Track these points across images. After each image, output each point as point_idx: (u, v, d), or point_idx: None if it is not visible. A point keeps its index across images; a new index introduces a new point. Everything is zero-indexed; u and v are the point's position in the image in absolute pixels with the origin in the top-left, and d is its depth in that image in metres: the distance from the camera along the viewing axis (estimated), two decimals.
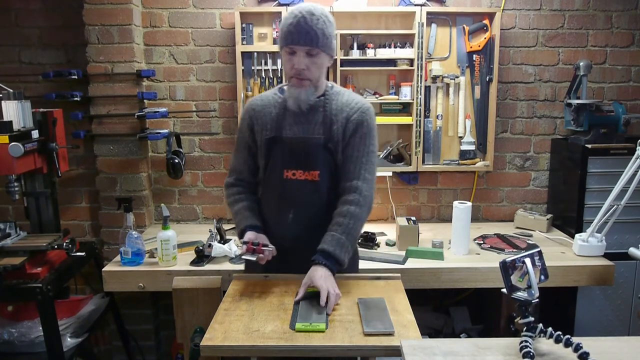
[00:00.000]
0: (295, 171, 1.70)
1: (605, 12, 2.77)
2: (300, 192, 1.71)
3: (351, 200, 1.67)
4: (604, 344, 1.23)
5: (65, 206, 2.81)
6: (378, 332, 1.39)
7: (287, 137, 1.71)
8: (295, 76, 1.64)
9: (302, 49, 1.61)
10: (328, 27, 1.63)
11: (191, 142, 2.84)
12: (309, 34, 1.59)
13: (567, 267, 2.25)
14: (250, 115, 1.78)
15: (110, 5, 2.53)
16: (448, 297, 2.94)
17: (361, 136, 1.71)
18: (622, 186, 2.18)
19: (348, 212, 1.66)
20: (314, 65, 1.64)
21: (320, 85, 1.72)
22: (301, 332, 1.39)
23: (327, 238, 1.64)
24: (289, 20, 1.61)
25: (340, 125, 1.70)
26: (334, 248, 1.62)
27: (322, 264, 1.60)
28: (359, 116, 1.71)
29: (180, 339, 2.00)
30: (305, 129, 1.71)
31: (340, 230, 1.64)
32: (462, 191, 2.94)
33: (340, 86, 1.83)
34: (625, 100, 2.84)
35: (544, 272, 1.29)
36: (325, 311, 1.49)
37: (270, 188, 1.76)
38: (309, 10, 1.60)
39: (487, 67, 2.74)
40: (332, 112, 1.71)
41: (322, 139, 1.69)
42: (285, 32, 1.61)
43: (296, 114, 1.71)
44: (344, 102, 1.73)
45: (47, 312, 2.03)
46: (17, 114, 2.14)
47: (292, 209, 1.73)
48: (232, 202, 1.82)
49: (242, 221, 1.75)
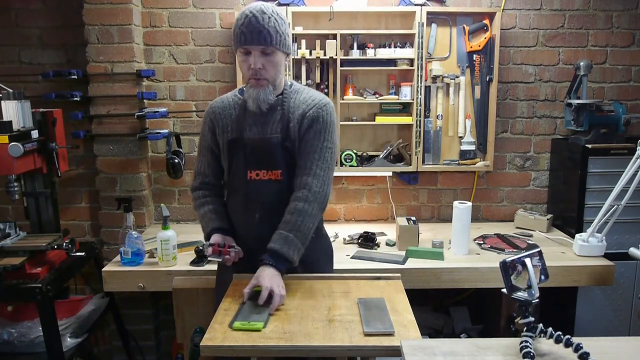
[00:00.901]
0: (258, 171, 1.70)
1: (605, 12, 2.77)
2: (265, 192, 1.70)
3: (299, 197, 1.65)
4: (604, 344, 1.23)
5: (65, 206, 2.81)
6: (378, 332, 1.39)
7: (248, 138, 1.70)
8: (253, 77, 1.63)
9: (257, 48, 1.59)
10: (281, 25, 1.61)
11: (191, 142, 2.84)
12: (262, 33, 1.57)
13: (567, 267, 2.25)
14: (211, 118, 1.77)
15: (110, 5, 2.53)
16: (448, 297, 2.93)
17: (316, 132, 1.68)
18: (623, 186, 2.18)
19: (296, 209, 1.64)
20: (269, 64, 1.62)
21: (278, 84, 1.70)
22: (239, 330, 1.39)
23: (275, 237, 1.62)
24: (240, 20, 1.59)
25: (297, 122, 1.69)
26: (281, 246, 1.60)
27: (269, 263, 1.59)
28: (315, 112, 1.69)
29: (180, 339, 2.00)
30: (264, 129, 1.70)
31: (288, 228, 1.62)
32: (462, 191, 2.93)
33: (299, 84, 1.81)
34: (625, 100, 2.84)
35: (544, 272, 1.29)
36: (267, 311, 1.49)
37: (235, 189, 1.76)
38: (260, 9, 1.58)
39: (487, 67, 2.73)
40: (289, 110, 1.70)
41: (280, 137, 1.68)
42: (238, 33, 1.59)
43: (256, 115, 1.70)
44: (302, 99, 1.72)
45: (47, 312, 2.03)
46: (17, 114, 2.14)
47: (258, 210, 1.72)
48: (198, 206, 1.82)
49: (209, 224, 1.75)
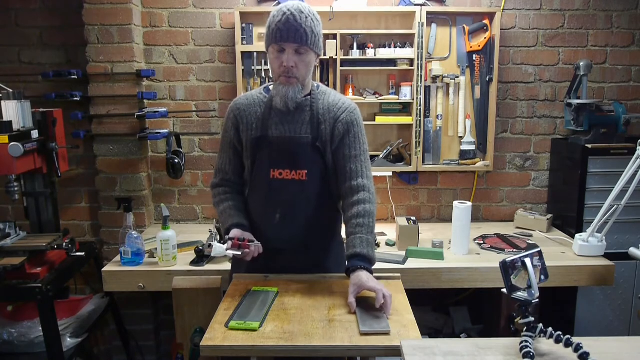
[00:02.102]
0: (282, 171, 1.69)
1: (605, 12, 2.77)
2: (287, 191, 1.70)
3: (363, 199, 1.68)
4: (604, 344, 1.23)
5: (65, 206, 2.81)
6: (374, 331, 1.39)
7: (274, 137, 1.69)
8: (284, 74, 1.63)
9: (292, 46, 1.59)
10: (316, 26, 1.62)
11: (191, 142, 2.84)
12: (299, 31, 1.57)
13: (567, 267, 2.25)
14: (236, 115, 1.76)
15: (110, 5, 2.53)
16: (448, 297, 2.93)
17: (354, 135, 1.71)
18: (623, 186, 2.18)
19: (365, 212, 1.66)
20: (302, 64, 1.63)
21: (307, 84, 1.70)
22: (235, 329, 1.40)
23: (357, 241, 1.63)
24: (277, 17, 1.59)
25: (329, 125, 1.70)
26: (367, 250, 1.62)
27: (362, 267, 1.58)
28: (348, 116, 1.71)
29: (180, 339, 1.99)
30: (292, 128, 1.69)
31: (365, 231, 1.64)
32: (462, 191, 2.93)
33: (325, 86, 1.82)
34: (625, 100, 2.84)
35: (544, 272, 1.29)
36: (266, 311, 1.49)
37: (257, 188, 1.75)
38: (298, 8, 1.58)
39: (487, 67, 2.73)
40: (319, 111, 1.70)
41: (310, 138, 1.68)
42: (274, 30, 1.59)
43: (282, 114, 1.70)
44: (331, 102, 1.73)
45: (47, 312, 2.03)
46: (17, 114, 2.14)
47: (279, 209, 1.72)
48: (218, 202, 1.81)
49: (228, 220, 1.74)
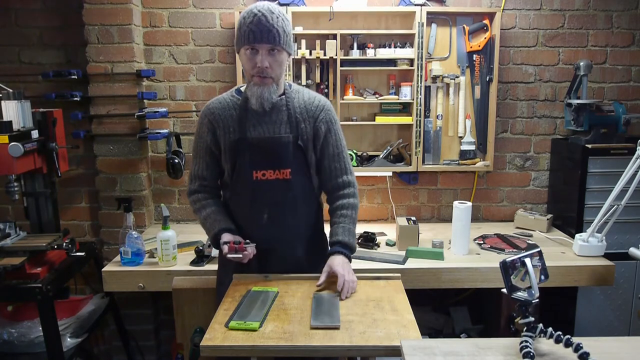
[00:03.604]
0: (265, 171, 1.70)
1: (605, 12, 2.77)
2: (273, 191, 1.71)
3: (348, 193, 1.80)
4: (604, 344, 1.23)
5: (65, 206, 2.81)
6: (324, 325, 1.42)
7: (253, 138, 1.69)
8: (258, 74, 1.63)
9: (265, 47, 1.60)
10: (287, 25, 1.64)
11: (191, 142, 2.82)
12: (271, 32, 1.58)
13: (567, 267, 2.25)
14: (210, 119, 1.74)
15: (110, 5, 2.53)
16: (448, 297, 2.93)
17: (335, 133, 1.78)
18: (623, 186, 2.18)
19: (349, 204, 1.79)
20: (276, 63, 1.64)
21: (280, 84, 1.71)
22: (235, 329, 1.41)
23: (339, 230, 1.75)
24: (248, 19, 1.59)
25: (308, 124, 1.73)
26: (348, 238, 1.75)
27: (339, 252, 1.72)
28: (326, 115, 1.76)
29: (180, 339, 2.00)
30: (271, 128, 1.70)
31: (348, 221, 1.77)
32: (462, 191, 2.93)
33: (295, 84, 1.83)
34: (625, 100, 2.84)
35: (544, 272, 1.29)
36: (265, 311, 1.50)
37: (240, 191, 1.75)
38: (268, 9, 1.59)
39: (487, 67, 2.73)
40: (295, 110, 1.72)
41: (291, 137, 1.70)
42: (246, 31, 1.59)
43: (259, 114, 1.70)
44: (306, 100, 1.75)
45: (47, 312, 2.03)
46: (17, 114, 2.14)
47: (266, 210, 1.73)
48: (199, 208, 1.80)
49: (214, 225, 1.74)
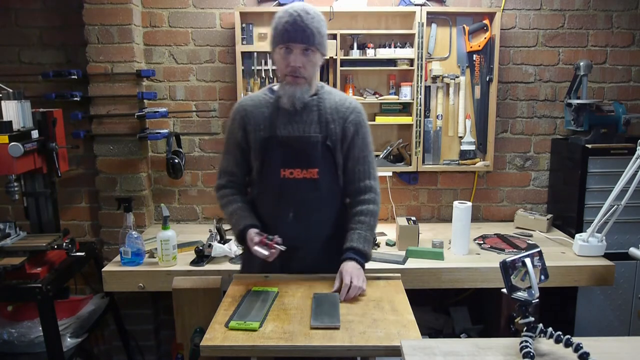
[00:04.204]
0: (292, 170, 1.71)
1: (605, 12, 2.77)
2: (300, 190, 1.72)
3: (368, 199, 1.77)
4: (604, 344, 1.23)
5: (65, 206, 2.81)
6: (324, 325, 1.42)
7: (283, 136, 1.71)
8: (291, 74, 1.65)
9: (299, 47, 1.62)
10: (322, 26, 1.66)
11: (191, 142, 2.84)
12: (306, 32, 1.60)
13: (567, 267, 2.25)
14: (242, 115, 1.77)
15: (110, 5, 2.53)
16: (448, 297, 2.93)
17: (362, 137, 1.77)
18: (623, 186, 2.18)
19: (368, 211, 1.76)
20: (309, 64, 1.65)
21: (313, 84, 1.73)
22: (234, 329, 1.41)
23: (354, 236, 1.73)
24: (284, 18, 1.61)
25: (338, 125, 1.72)
26: (362, 245, 1.72)
27: (351, 258, 1.70)
28: (356, 117, 1.75)
29: (180, 339, 1.99)
30: (301, 127, 1.71)
31: (365, 228, 1.74)
32: (462, 191, 2.93)
33: (327, 85, 1.84)
34: (625, 100, 2.84)
35: (544, 272, 1.29)
36: (265, 311, 1.50)
37: (267, 188, 1.76)
38: (304, 9, 1.62)
39: (487, 67, 2.73)
40: (326, 111, 1.73)
41: (320, 137, 1.70)
42: (281, 31, 1.62)
43: (290, 113, 1.71)
44: (338, 101, 1.76)
45: (47, 312, 2.03)
46: (17, 114, 2.14)
47: (292, 208, 1.73)
48: (226, 204, 1.82)
49: (240, 221, 1.75)
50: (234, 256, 2.29)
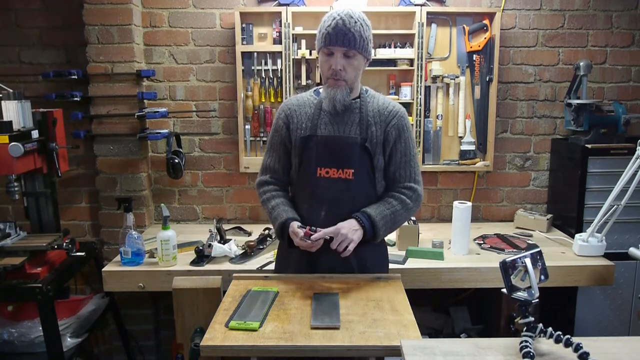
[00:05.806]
0: (328, 169, 1.73)
1: (605, 12, 2.77)
2: (333, 190, 1.73)
3: (409, 194, 1.77)
4: (604, 344, 1.23)
5: (65, 206, 2.81)
6: (324, 325, 1.42)
7: (322, 136, 1.73)
8: (332, 77, 1.68)
9: (340, 50, 1.65)
10: (365, 30, 1.67)
11: (191, 142, 2.84)
12: (347, 35, 1.62)
13: (567, 267, 2.25)
14: (287, 114, 1.81)
15: (110, 5, 2.53)
16: (448, 297, 2.93)
17: (405, 141, 1.78)
18: (622, 186, 2.18)
19: (400, 198, 1.75)
20: (350, 67, 1.67)
21: (355, 87, 1.75)
22: (235, 329, 1.41)
23: (374, 206, 1.73)
24: (327, 22, 1.65)
25: (379, 128, 1.74)
26: (375, 214, 1.70)
27: (356, 217, 1.69)
28: (399, 121, 1.77)
29: (180, 339, 1.99)
30: (341, 128, 1.73)
31: (388, 207, 1.73)
32: (462, 191, 2.94)
33: (372, 90, 1.85)
34: (625, 100, 2.84)
35: (544, 272, 1.29)
36: (265, 310, 1.51)
37: (303, 186, 1.79)
38: (348, 13, 1.64)
39: (487, 67, 2.74)
40: (368, 114, 1.75)
41: (359, 138, 1.72)
42: (324, 34, 1.65)
43: (332, 115, 1.74)
44: (380, 105, 1.77)
45: (47, 312, 2.03)
46: (17, 114, 2.15)
47: (324, 207, 1.74)
48: (268, 199, 1.83)
49: (282, 214, 1.76)
50: (234, 256, 2.29)
